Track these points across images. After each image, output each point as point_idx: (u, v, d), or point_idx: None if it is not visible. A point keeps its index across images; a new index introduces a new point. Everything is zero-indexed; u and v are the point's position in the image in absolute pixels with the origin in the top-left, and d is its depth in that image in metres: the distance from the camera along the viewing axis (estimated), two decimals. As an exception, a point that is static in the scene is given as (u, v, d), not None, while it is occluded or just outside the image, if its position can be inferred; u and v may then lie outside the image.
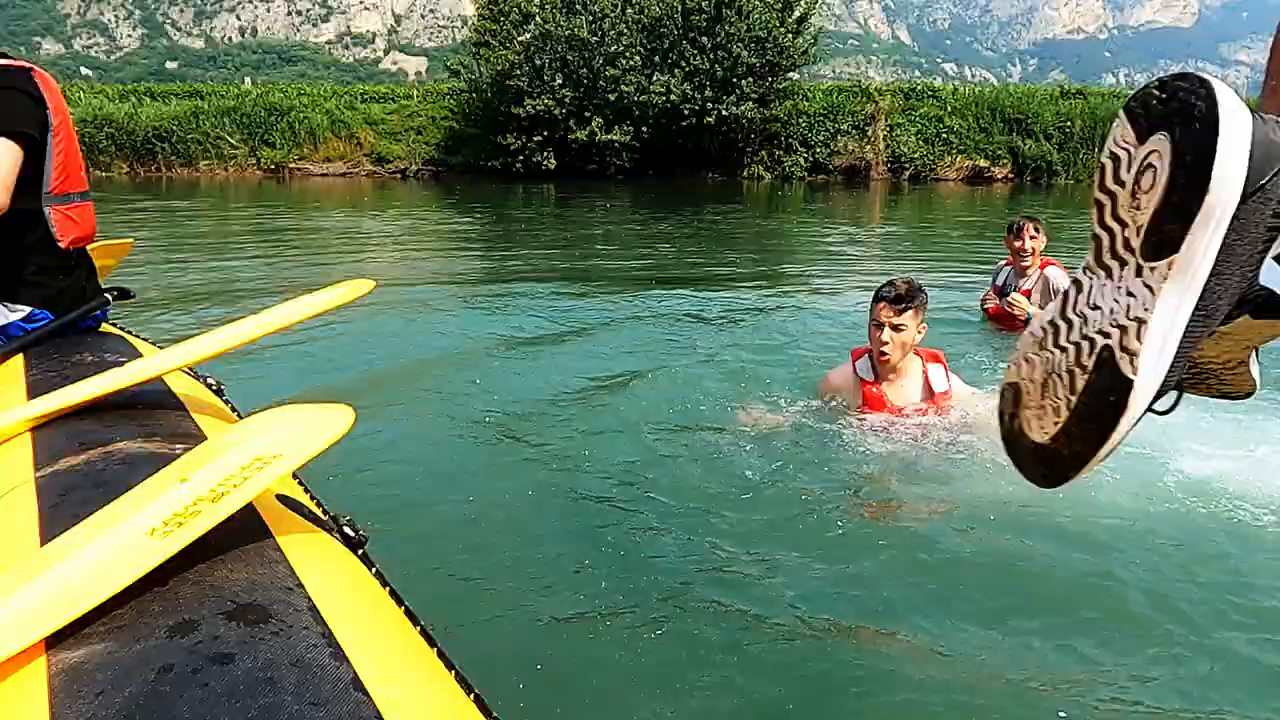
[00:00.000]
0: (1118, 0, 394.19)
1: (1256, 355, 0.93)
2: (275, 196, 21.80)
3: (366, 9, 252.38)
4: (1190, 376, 0.92)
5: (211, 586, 0.94)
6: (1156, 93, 0.82)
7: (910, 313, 3.54)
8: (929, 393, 3.67)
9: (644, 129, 26.53)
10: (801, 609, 2.38)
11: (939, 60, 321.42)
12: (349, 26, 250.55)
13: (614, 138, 26.27)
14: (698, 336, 5.74)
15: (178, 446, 1.40)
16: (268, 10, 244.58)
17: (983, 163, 27.70)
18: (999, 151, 27.71)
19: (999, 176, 27.53)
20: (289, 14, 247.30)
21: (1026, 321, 5.14)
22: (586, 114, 26.31)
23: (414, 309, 6.76)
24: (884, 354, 3.61)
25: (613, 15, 25.98)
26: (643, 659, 2.18)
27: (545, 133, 26.50)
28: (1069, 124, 27.30)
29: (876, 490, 3.25)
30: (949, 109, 28.34)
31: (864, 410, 3.71)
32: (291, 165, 28.40)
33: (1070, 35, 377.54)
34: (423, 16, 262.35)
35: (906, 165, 27.48)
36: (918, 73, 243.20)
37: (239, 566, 0.99)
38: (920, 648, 2.20)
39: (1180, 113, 0.80)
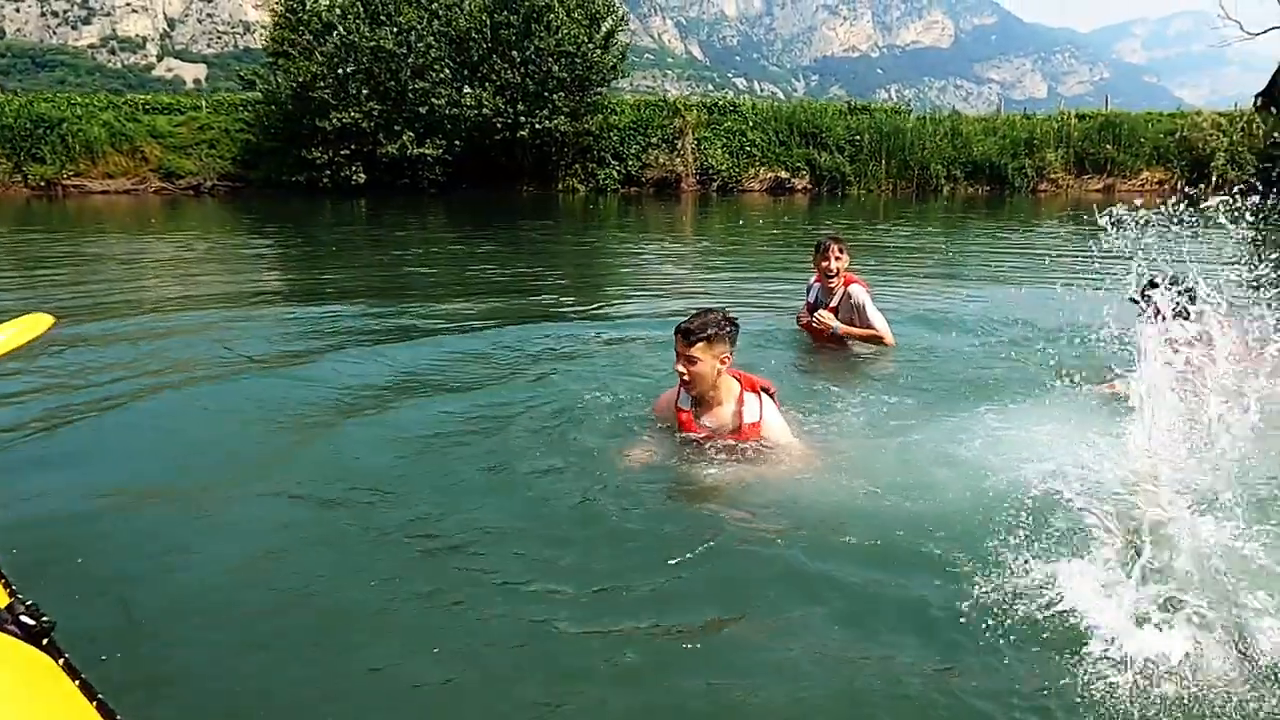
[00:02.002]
0: (885, 22, 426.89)
1: None
2: (45, 218, 19.87)
3: (134, 11, 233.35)
4: None
5: None
6: None
7: (701, 345, 3.57)
8: (739, 422, 3.70)
9: (456, 142, 26.19)
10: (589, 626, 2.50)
11: (730, 75, 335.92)
12: (115, 30, 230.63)
13: (426, 151, 25.79)
14: (517, 363, 5.61)
15: None
16: (17, 10, 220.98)
17: (784, 174, 29.29)
18: (798, 164, 29.38)
19: (799, 187, 29.18)
20: (43, 15, 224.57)
21: (833, 336, 5.61)
22: (396, 127, 25.65)
23: (207, 342, 6.16)
24: (684, 382, 3.69)
25: (419, 27, 25.49)
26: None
27: (353, 146, 25.62)
28: (858, 137, 29.35)
29: (684, 512, 3.33)
30: (750, 123, 29.75)
31: (681, 433, 3.79)
32: (65, 182, 25.91)
33: (846, 54, 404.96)
34: (199, 21, 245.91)
35: (714, 177, 28.63)
36: (710, 86, 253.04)
37: None
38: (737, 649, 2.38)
39: None
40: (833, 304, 5.70)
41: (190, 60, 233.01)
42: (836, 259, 5.64)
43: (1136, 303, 4.06)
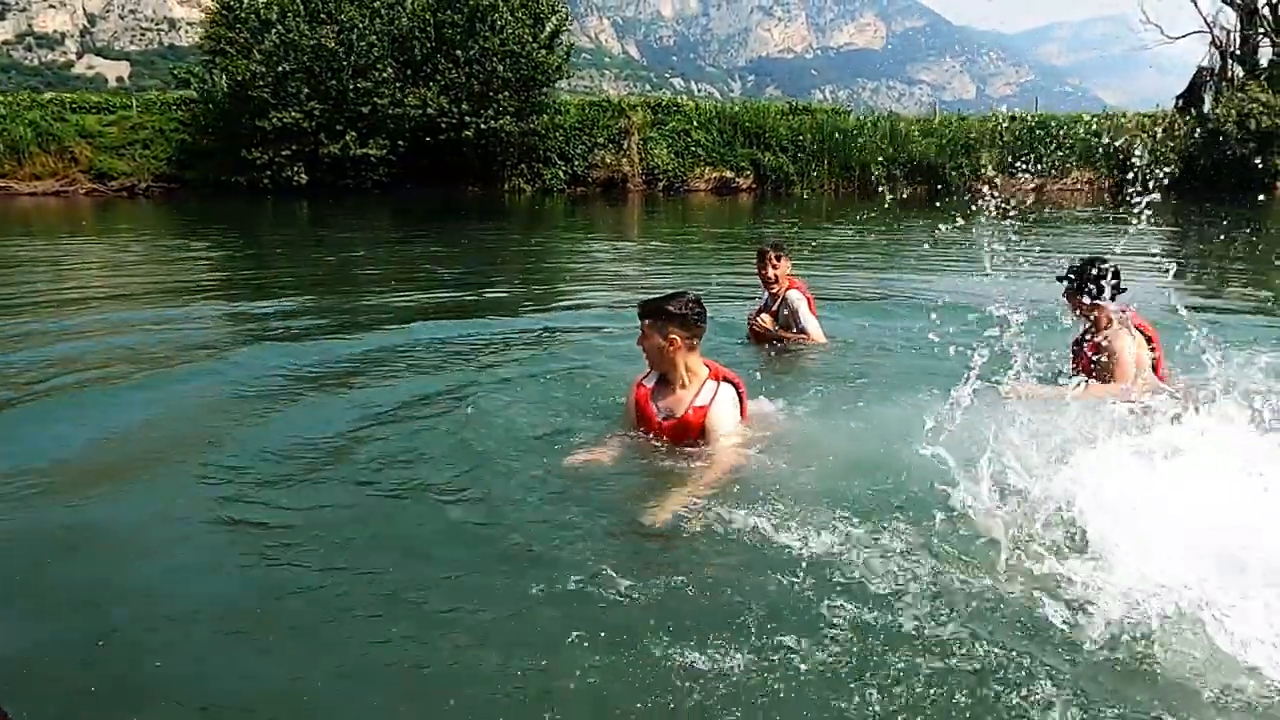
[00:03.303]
0: (819, 24, 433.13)
1: None
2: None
3: (52, 6, 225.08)
4: None
5: None
6: None
7: (647, 321, 3.67)
8: (688, 407, 3.71)
9: (400, 143, 25.94)
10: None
11: (667, 75, 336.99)
12: (30, 25, 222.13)
13: (369, 151, 25.50)
14: (472, 364, 5.55)
15: None
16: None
17: (729, 174, 29.65)
18: (742, 163, 29.77)
19: (744, 187, 29.56)
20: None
21: (773, 338, 5.81)
22: (338, 127, 25.30)
23: (142, 354, 5.81)
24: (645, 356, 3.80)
25: (361, 26, 25.16)
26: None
27: (294, 146, 25.20)
28: (801, 138, 29.84)
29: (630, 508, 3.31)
30: (695, 123, 30.03)
31: (636, 412, 3.84)
32: (-11, 184, 25.01)
33: (782, 54, 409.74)
34: (121, 17, 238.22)
35: (660, 177, 28.84)
36: (648, 86, 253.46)
37: None
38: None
39: None
40: (774, 308, 5.94)
41: (112, 57, 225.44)
42: (774, 267, 5.86)
43: (1065, 280, 4.38)
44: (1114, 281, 4.29)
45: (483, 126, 25.82)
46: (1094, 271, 4.33)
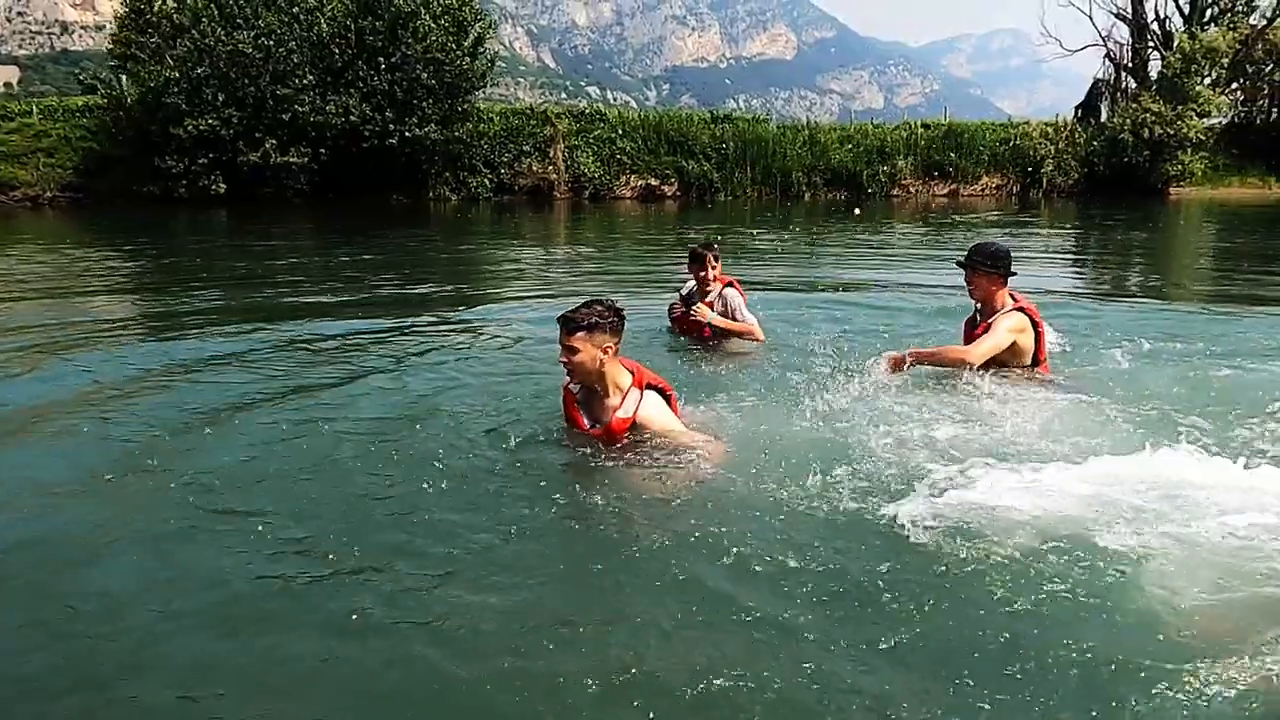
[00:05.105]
0: (732, 34, 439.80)
1: None
2: None
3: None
4: None
5: None
6: None
7: (581, 335, 3.54)
8: (611, 416, 3.68)
9: (323, 151, 25.49)
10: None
11: (583, 84, 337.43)
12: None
13: (291, 160, 24.97)
14: (392, 367, 5.52)
15: None
16: None
17: (654, 181, 30.00)
18: (667, 171, 30.16)
19: (669, 194, 29.96)
20: None
21: (707, 329, 5.98)
22: (257, 135, 24.71)
23: (54, 369, 5.54)
24: (568, 372, 3.70)
25: (279, 31, 24.65)
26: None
27: (211, 154, 24.50)
28: (724, 146, 30.38)
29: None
30: (620, 132, 30.29)
31: (566, 416, 3.87)
32: (-124, 195, 23.66)
33: (696, 63, 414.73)
34: (9, 20, 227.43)
35: (587, 185, 29.00)
36: (563, 95, 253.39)
37: None
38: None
39: None
40: (709, 300, 6.08)
41: (0, 62, 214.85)
42: (713, 267, 6.05)
43: (962, 262, 4.78)
44: (1006, 262, 4.73)
45: (407, 134, 25.55)
46: (991, 250, 4.76)
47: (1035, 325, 4.77)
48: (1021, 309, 4.75)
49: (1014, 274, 4.77)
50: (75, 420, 4.40)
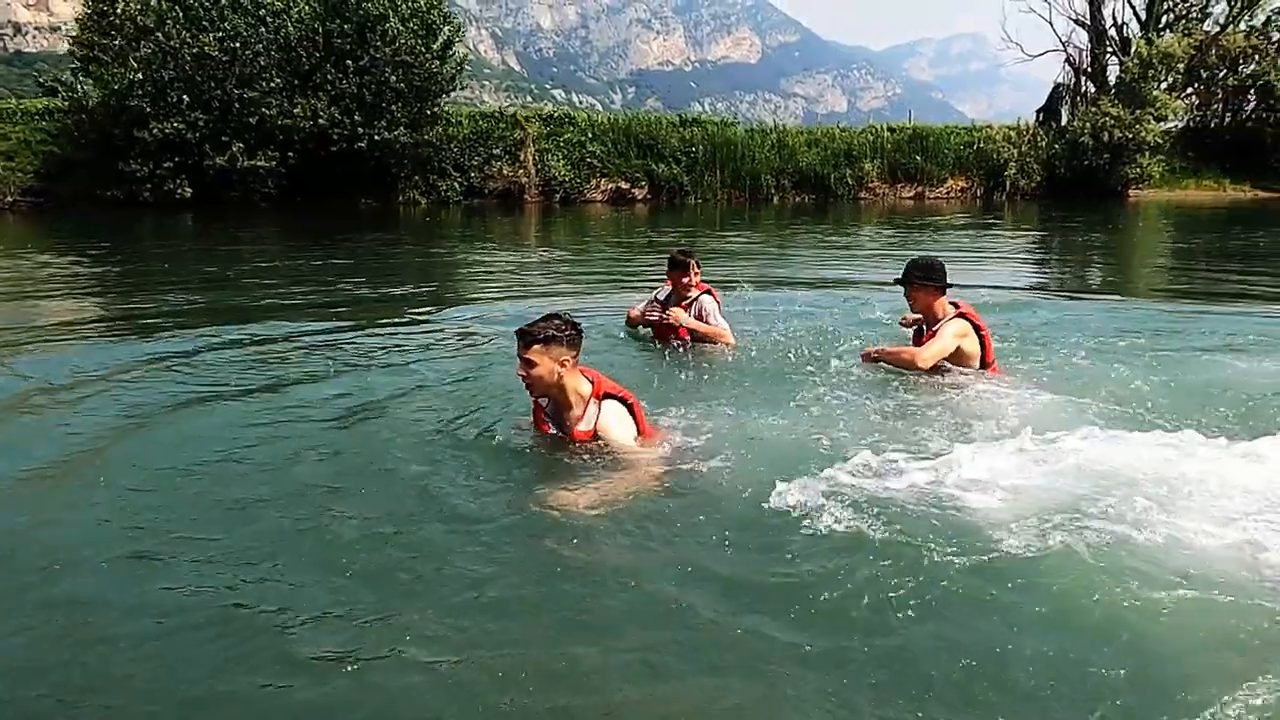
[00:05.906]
0: (696, 38, 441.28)
1: None
2: None
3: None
4: None
5: None
6: None
7: (537, 348, 3.57)
8: (573, 427, 3.73)
9: (291, 154, 25.30)
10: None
11: (548, 86, 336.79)
12: None
13: (258, 163, 24.73)
14: (372, 370, 5.57)
15: None
16: None
17: (624, 185, 30.13)
18: (637, 174, 30.30)
19: (639, 197, 30.10)
20: None
21: (681, 331, 6.08)
22: (224, 138, 24.45)
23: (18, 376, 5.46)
24: (526, 385, 3.71)
25: (246, 34, 24.44)
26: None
27: (177, 158, 24.20)
28: (694, 149, 30.59)
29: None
30: (590, 135, 30.38)
31: (533, 422, 3.90)
32: None
33: (661, 67, 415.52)
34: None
35: (557, 188, 29.06)
36: (529, 97, 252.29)
37: None
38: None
39: None
40: (684, 303, 6.20)
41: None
42: (696, 273, 6.19)
43: (900, 283, 5.03)
44: (941, 274, 4.99)
45: (376, 138, 25.45)
46: (925, 265, 5.03)
47: (978, 329, 4.99)
48: (963, 315, 4.99)
49: (950, 284, 5.03)
50: (13, 423, 4.41)
